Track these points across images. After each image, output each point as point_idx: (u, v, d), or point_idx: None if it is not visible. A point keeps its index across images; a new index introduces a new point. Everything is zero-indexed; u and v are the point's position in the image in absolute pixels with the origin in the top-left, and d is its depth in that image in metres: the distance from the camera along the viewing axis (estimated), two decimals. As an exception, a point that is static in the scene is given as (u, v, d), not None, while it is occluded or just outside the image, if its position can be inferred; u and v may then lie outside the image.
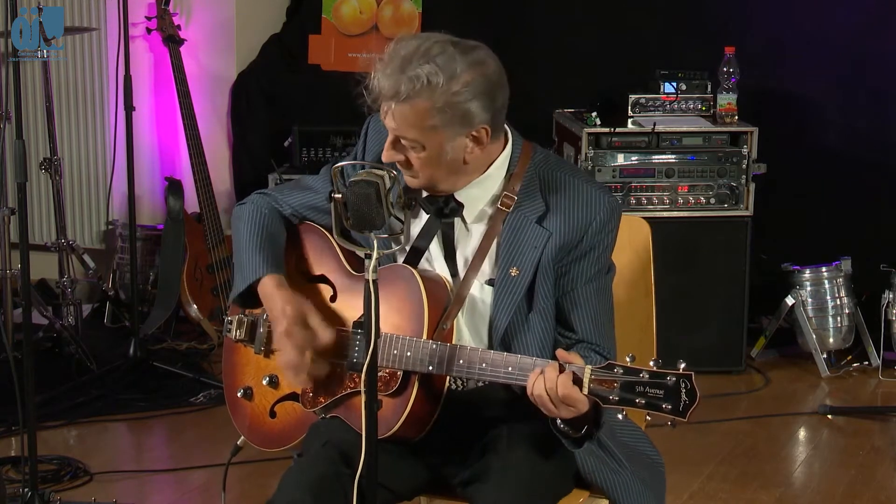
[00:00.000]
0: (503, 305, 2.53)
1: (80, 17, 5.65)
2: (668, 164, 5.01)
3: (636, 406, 2.30)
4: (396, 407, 2.49)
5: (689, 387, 2.30)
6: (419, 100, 2.40)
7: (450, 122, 2.42)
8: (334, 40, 5.73)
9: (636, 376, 2.30)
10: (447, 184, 2.53)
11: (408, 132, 2.44)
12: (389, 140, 2.49)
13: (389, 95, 2.42)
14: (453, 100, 2.40)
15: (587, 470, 2.57)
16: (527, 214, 2.54)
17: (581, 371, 2.33)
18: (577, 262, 2.53)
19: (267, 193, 2.77)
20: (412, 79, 2.39)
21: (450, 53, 2.41)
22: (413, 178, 2.51)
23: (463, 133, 2.45)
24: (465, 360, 2.45)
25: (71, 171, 5.74)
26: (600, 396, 2.32)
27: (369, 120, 2.70)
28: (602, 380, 2.32)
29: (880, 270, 5.04)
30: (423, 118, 2.41)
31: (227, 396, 2.79)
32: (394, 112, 2.43)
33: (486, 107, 2.45)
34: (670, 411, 2.29)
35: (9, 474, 3.94)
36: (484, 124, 2.46)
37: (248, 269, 2.64)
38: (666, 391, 2.29)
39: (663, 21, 5.48)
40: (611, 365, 2.32)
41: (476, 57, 2.44)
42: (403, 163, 2.49)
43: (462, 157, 2.48)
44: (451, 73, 2.40)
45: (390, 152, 2.49)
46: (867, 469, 4.23)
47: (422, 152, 2.46)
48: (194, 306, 5.25)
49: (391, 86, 2.40)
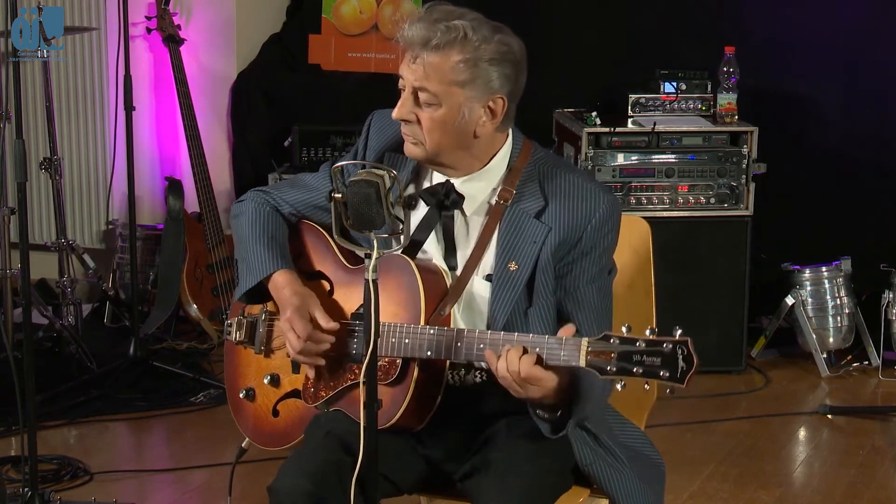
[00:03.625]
0: (501, 300, 2.53)
1: (80, 17, 5.64)
2: (668, 163, 5.01)
3: (634, 375, 2.27)
4: (396, 396, 2.49)
5: (686, 352, 2.27)
6: (452, 50, 2.43)
7: (473, 82, 2.45)
8: (334, 40, 5.73)
9: (633, 345, 2.28)
10: (450, 157, 2.53)
11: (430, 83, 2.44)
12: (407, 93, 2.48)
13: (421, 42, 2.43)
14: (483, 57, 2.44)
15: (585, 462, 2.57)
16: (525, 209, 2.54)
17: (577, 346, 2.32)
18: (578, 262, 2.53)
19: (265, 191, 2.77)
20: (450, 28, 2.42)
21: (482, 20, 2.47)
22: (417, 144, 2.51)
23: (482, 99, 2.47)
24: (462, 343, 2.45)
25: (71, 171, 5.74)
26: (598, 368, 2.30)
27: (372, 116, 2.70)
28: (599, 351, 2.31)
29: (880, 270, 5.04)
30: (451, 70, 2.43)
31: (230, 399, 2.80)
32: (423, 60, 2.43)
33: (510, 78, 2.48)
34: (668, 378, 2.26)
35: (9, 474, 3.95)
36: (502, 94, 2.48)
37: (257, 266, 2.65)
38: (663, 358, 2.27)
39: (663, 21, 5.47)
40: (607, 336, 2.31)
41: (504, 34, 2.49)
42: (414, 123, 2.49)
43: (473, 128, 2.49)
44: (485, 36, 2.45)
45: (405, 108, 2.48)
46: (867, 469, 4.23)
47: (438, 110, 2.46)
48: (194, 306, 5.25)
49: (425, 34, 2.42)
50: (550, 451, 2.52)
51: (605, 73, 5.42)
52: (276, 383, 2.70)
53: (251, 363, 2.75)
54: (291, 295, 2.60)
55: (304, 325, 2.56)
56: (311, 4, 5.77)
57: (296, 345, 2.57)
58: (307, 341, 2.56)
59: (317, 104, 5.64)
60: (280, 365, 2.70)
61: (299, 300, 2.59)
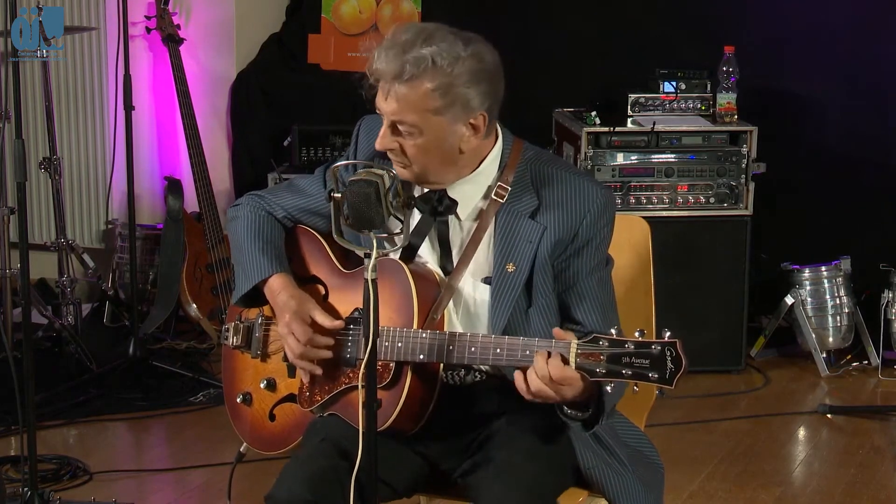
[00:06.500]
0: (501, 302, 2.52)
1: (79, 17, 5.64)
2: (667, 163, 5.01)
3: (623, 377, 2.28)
4: (391, 399, 2.49)
5: (674, 354, 2.28)
6: (423, 80, 2.39)
7: (450, 106, 2.42)
8: (334, 40, 5.73)
9: (622, 347, 2.29)
10: (438, 175, 2.52)
11: (407, 115, 2.42)
12: (385, 125, 2.47)
13: (392, 76, 2.40)
14: (456, 82, 2.40)
15: (587, 465, 2.57)
16: (519, 209, 2.53)
17: (567, 348, 2.33)
18: (576, 256, 2.53)
19: (260, 196, 2.77)
20: (417, 59, 2.38)
21: (451, 40, 2.42)
22: (404, 168, 2.50)
23: (462, 119, 2.44)
24: (454, 346, 2.45)
25: (71, 171, 5.73)
26: (587, 370, 2.31)
27: (361, 121, 2.70)
28: (588, 353, 2.31)
29: (880, 270, 5.04)
30: (425, 100, 2.40)
31: (228, 404, 2.80)
32: (396, 93, 2.41)
33: (486, 94, 2.45)
34: (657, 380, 2.27)
35: (8, 474, 3.95)
36: (482, 111, 2.46)
37: (254, 270, 2.65)
38: (652, 360, 2.27)
39: (663, 20, 5.47)
40: (596, 338, 2.32)
41: (476, 47, 2.45)
42: (397, 151, 2.47)
43: (458, 146, 2.48)
44: (455, 57, 2.40)
45: (386, 139, 2.47)
46: (867, 468, 4.23)
47: (419, 138, 2.44)
48: (194, 306, 5.25)
49: (394, 66, 2.39)
50: (551, 450, 2.53)
51: (605, 72, 5.42)
52: (272, 388, 2.70)
53: (248, 368, 2.75)
54: (288, 299, 2.59)
55: (304, 329, 2.56)
56: (310, 4, 5.77)
57: (296, 349, 2.57)
58: (307, 345, 2.56)
59: (316, 104, 5.64)
60: (276, 369, 2.70)
61: (296, 304, 2.58)
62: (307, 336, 2.56)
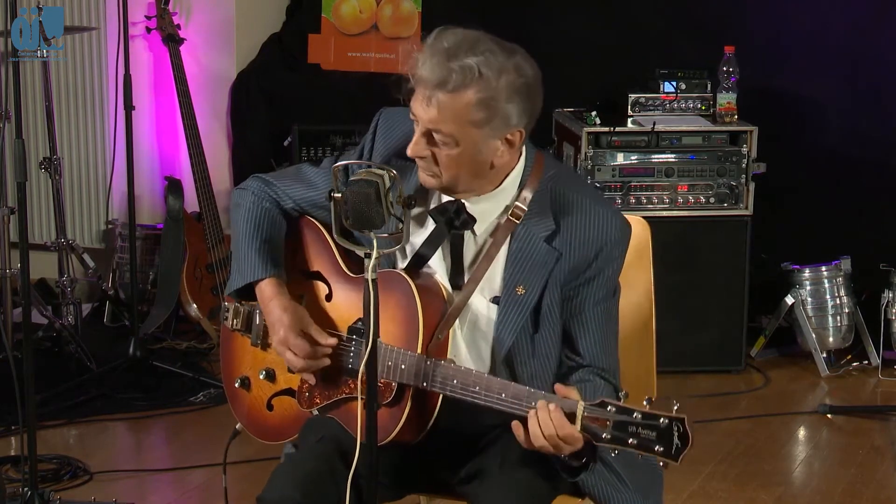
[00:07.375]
0: (508, 324, 2.49)
1: (79, 17, 5.64)
2: (667, 163, 5.01)
3: (628, 446, 2.26)
4: (392, 416, 2.47)
5: (681, 430, 2.24)
6: (468, 91, 2.34)
7: (491, 120, 2.38)
8: (334, 40, 5.73)
9: (629, 416, 2.26)
10: (466, 186, 2.47)
11: (446, 125, 2.37)
12: (420, 132, 2.41)
13: (435, 83, 2.34)
14: (499, 96, 2.36)
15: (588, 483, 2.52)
16: (536, 231, 2.49)
17: (573, 407, 2.30)
18: (586, 285, 2.50)
19: (267, 182, 2.70)
20: (464, 68, 2.33)
21: (495, 50, 2.38)
22: (433, 177, 2.45)
23: (500, 134, 2.41)
24: (459, 381, 2.41)
25: (71, 171, 5.73)
26: (593, 434, 2.29)
27: (380, 113, 2.64)
28: (595, 417, 2.29)
29: (880, 270, 5.04)
30: (467, 111, 2.36)
31: (226, 385, 2.77)
32: (438, 101, 2.35)
33: (525, 110, 2.42)
34: (662, 454, 2.24)
35: (8, 474, 3.94)
36: (519, 127, 2.43)
37: (247, 268, 2.61)
38: (658, 433, 2.24)
39: (663, 20, 5.47)
40: (604, 402, 2.29)
41: (518, 59, 2.41)
42: (429, 159, 2.43)
43: (491, 159, 2.43)
44: (500, 69, 2.37)
45: (419, 146, 2.41)
46: (867, 468, 4.23)
47: (454, 149, 2.40)
48: (194, 306, 5.25)
49: (439, 74, 2.34)
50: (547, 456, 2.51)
51: (605, 72, 5.42)
52: (271, 378, 2.67)
53: (247, 353, 2.71)
54: (281, 312, 2.54)
55: (303, 344, 2.52)
56: (310, 4, 5.77)
57: (298, 364, 2.53)
58: (307, 359, 2.53)
59: (316, 104, 5.64)
60: (275, 360, 2.65)
61: (290, 318, 2.54)
62: (307, 351, 2.53)
